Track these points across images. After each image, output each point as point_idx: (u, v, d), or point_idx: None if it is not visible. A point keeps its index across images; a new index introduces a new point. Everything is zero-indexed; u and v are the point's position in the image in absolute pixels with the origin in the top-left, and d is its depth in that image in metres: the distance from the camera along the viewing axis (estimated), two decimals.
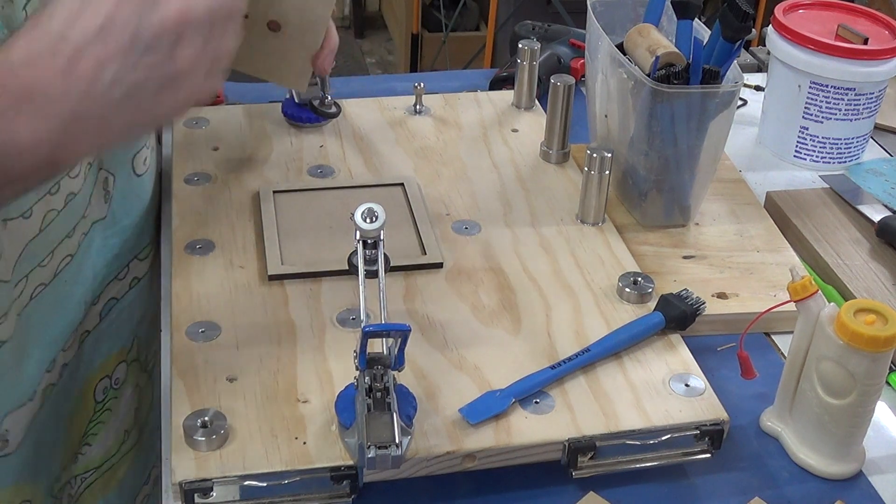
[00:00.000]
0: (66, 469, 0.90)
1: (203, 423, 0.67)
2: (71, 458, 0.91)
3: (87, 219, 0.84)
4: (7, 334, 0.76)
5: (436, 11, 3.23)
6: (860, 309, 0.69)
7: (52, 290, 0.81)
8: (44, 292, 0.80)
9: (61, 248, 0.81)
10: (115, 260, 0.91)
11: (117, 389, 0.95)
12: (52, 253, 0.80)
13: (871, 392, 0.70)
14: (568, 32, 1.26)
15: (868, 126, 1.10)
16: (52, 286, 0.81)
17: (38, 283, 0.79)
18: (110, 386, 0.94)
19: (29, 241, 0.76)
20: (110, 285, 0.91)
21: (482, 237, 0.89)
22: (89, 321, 0.89)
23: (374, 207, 0.70)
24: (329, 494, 0.67)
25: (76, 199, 0.81)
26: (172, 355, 0.74)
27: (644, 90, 0.87)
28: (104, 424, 0.94)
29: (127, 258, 0.93)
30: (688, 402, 0.72)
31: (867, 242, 0.95)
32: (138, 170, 0.92)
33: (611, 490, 0.70)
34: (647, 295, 0.82)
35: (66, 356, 0.86)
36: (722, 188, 1.01)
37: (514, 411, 0.70)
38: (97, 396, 0.93)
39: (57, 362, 0.84)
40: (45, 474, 0.86)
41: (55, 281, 0.81)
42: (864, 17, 1.11)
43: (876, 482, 0.73)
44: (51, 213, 0.78)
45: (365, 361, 0.65)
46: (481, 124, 1.07)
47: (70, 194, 0.80)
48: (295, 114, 1.03)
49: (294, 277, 0.82)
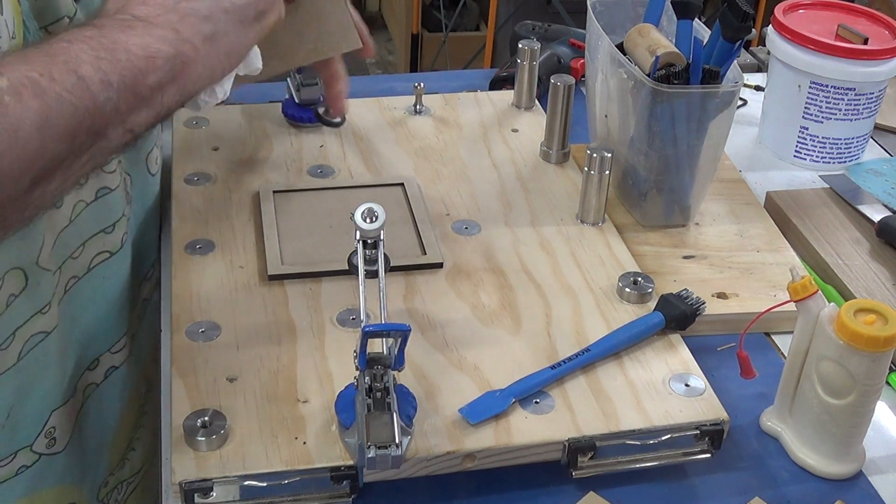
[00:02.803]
0: (113, 474, 0.91)
1: (203, 423, 0.67)
2: (119, 462, 0.92)
3: (126, 217, 0.85)
4: (52, 325, 0.77)
5: (436, 11, 3.23)
6: (860, 309, 0.69)
7: (89, 284, 0.82)
8: (77, 286, 0.81)
9: (95, 242, 0.82)
10: (143, 260, 0.92)
11: (150, 392, 0.95)
12: (83, 245, 0.80)
13: (871, 392, 0.70)
14: (568, 32, 1.26)
15: (868, 126, 1.10)
16: (88, 281, 0.82)
17: (71, 275, 0.80)
18: (149, 389, 0.95)
19: (60, 231, 0.77)
20: (143, 285, 0.92)
21: (482, 237, 0.89)
22: (134, 323, 0.90)
23: (374, 207, 0.70)
24: (329, 494, 0.67)
25: (112, 196, 0.82)
26: (172, 355, 0.74)
27: (644, 90, 0.87)
28: (145, 428, 0.95)
29: (151, 258, 0.94)
30: (688, 402, 0.72)
31: (867, 242, 0.95)
32: (152, 169, 0.93)
33: (611, 490, 0.70)
34: (647, 295, 0.82)
35: (115, 359, 0.87)
36: (722, 188, 1.01)
37: (514, 411, 0.70)
38: (141, 399, 0.94)
39: (101, 363, 0.85)
40: (91, 478, 0.87)
41: (91, 275, 0.82)
42: (864, 17, 1.11)
43: (876, 482, 0.73)
44: (80, 205, 0.79)
45: (365, 361, 0.65)
46: (481, 124, 1.07)
47: (103, 188, 0.81)
48: (295, 114, 1.03)
49: (294, 277, 0.82)
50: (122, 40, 0.60)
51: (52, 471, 0.81)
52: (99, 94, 0.57)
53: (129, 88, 0.59)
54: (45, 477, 0.80)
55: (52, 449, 0.80)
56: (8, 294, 0.72)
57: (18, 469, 0.78)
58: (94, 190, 0.80)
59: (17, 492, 0.78)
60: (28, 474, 0.79)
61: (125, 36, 0.60)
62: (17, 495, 0.79)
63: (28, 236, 0.72)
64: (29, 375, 0.76)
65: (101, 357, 0.85)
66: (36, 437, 0.78)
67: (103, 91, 0.57)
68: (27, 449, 0.78)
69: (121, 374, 0.88)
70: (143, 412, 0.95)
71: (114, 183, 0.82)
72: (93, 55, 0.57)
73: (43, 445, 0.79)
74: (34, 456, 0.79)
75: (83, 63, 0.57)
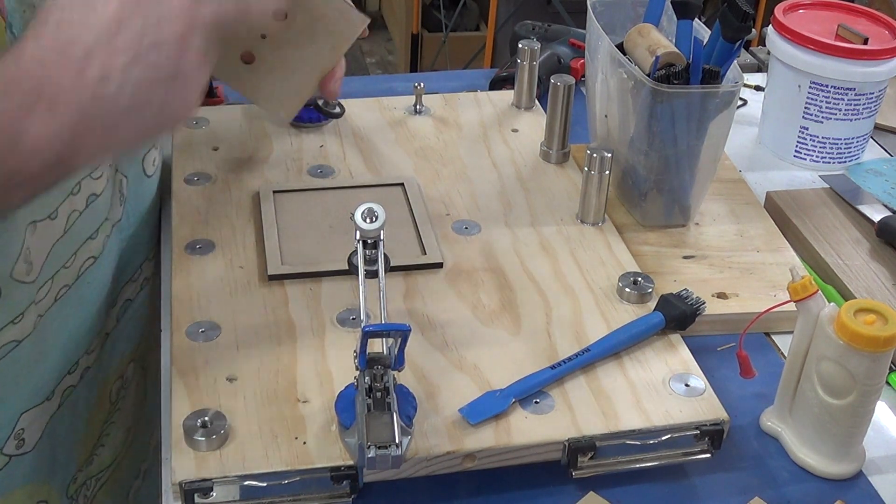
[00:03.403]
0: (81, 470, 0.91)
1: (203, 423, 0.67)
2: (87, 458, 0.91)
3: (109, 221, 0.85)
4: (24, 334, 0.76)
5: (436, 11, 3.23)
6: (860, 309, 0.69)
7: (76, 291, 0.82)
8: (67, 294, 0.80)
9: (84, 249, 0.81)
10: (130, 261, 0.92)
11: (126, 389, 0.95)
12: (74, 254, 0.80)
13: (871, 392, 0.70)
14: (568, 32, 1.26)
15: (868, 126, 1.10)
16: (76, 288, 0.81)
17: (63, 284, 0.80)
18: (122, 386, 0.95)
19: (55, 242, 0.77)
20: (126, 287, 0.92)
21: (482, 237, 0.89)
22: (109, 323, 0.89)
23: (374, 207, 0.70)
24: (329, 494, 0.67)
25: (98, 201, 0.82)
26: (172, 355, 0.74)
27: (644, 90, 0.87)
28: (115, 424, 0.95)
29: (140, 259, 0.94)
30: (688, 402, 0.72)
31: (867, 242, 0.95)
32: (148, 170, 0.93)
33: (611, 490, 0.70)
34: (647, 295, 0.82)
35: (89, 359, 0.87)
36: (722, 188, 1.01)
37: (514, 411, 0.70)
38: (111, 397, 0.93)
39: (80, 365, 0.85)
40: (61, 475, 0.87)
41: (78, 282, 0.82)
42: (864, 17, 1.11)
43: (876, 482, 0.73)
44: (74, 214, 0.78)
45: (365, 361, 0.65)
46: (481, 124, 1.07)
47: (91, 195, 0.81)
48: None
49: (294, 277, 0.82)
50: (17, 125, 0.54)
51: (21, 470, 0.80)
52: None
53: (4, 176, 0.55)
54: (15, 477, 0.80)
55: (20, 450, 0.79)
56: None
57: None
58: (85, 197, 0.80)
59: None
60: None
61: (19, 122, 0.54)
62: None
63: (2, 249, 0.71)
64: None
65: (80, 359, 0.85)
66: (6, 441, 0.78)
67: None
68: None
69: (93, 373, 0.88)
70: (115, 409, 0.94)
71: (100, 188, 0.81)
72: None
73: (12, 447, 0.78)
74: (4, 458, 0.78)
75: None
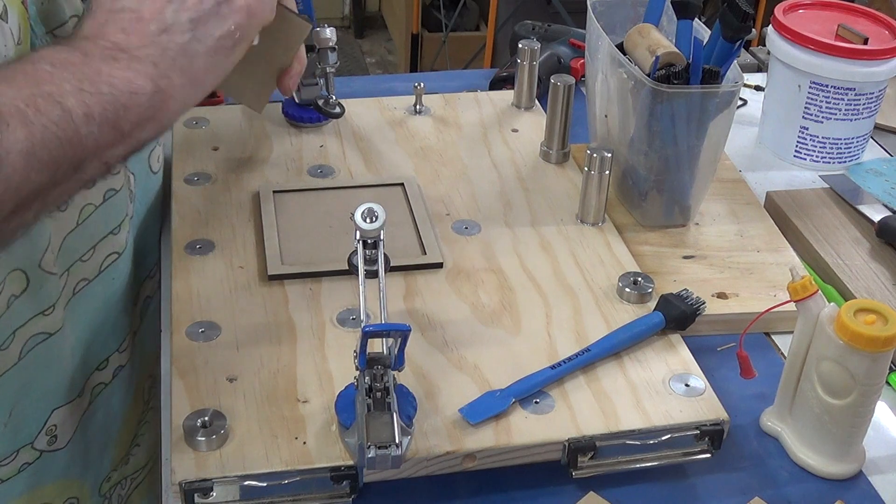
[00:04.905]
0: (116, 469, 0.92)
1: (203, 423, 0.67)
2: (123, 458, 0.92)
3: (128, 217, 0.86)
4: (55, 326, 0.77)
5: (436, 11, 3.23)
6: (860, 309, 0.69)
7: (99, 286, 0.82)
8: (87, 288, 0.81)
9: (104, 244, 0.82)
10: (145, 258, 0.92)
11: (156, 388, 0.96)
12: (93, 248, 0.81)
13: (871, 392, 0.70)
14: (568, 32, 1.25)
15: (868, 126, 1.10)
16: (98, 283, 0.82)
17: (81, 278, 0.80)
18: (153, 385, 0.95)
19: (67, 233, 0.77)
20: (144, 283, 0.93)
21: (482, 237, 0.89)
22: (135, 321, 0.90)
23: (374, 207, 0.70)
24: (329, 494, 0.67)
25: (118, 197, 0.82)
26: (172, 355, 0.74)
27: (644, 90, 0.87)
28: (149, 424, 0.95)
29: (154, 256, 0.94)
30: (688, 402, 0.72)
31: (867, 242, 0.95)
32: (154, 167, 0.94)
33: (611, 490, 0.70)
34: (647, 295, 0.82)
35: (121, 358, 0.88)
36: (722, 188, 1.01)
37: (514, 411, 0.70)
38: (144, 396, 0.94)
39: (110, 363, 0.86)
40: (94, 473, 0.88)
41: (101, 277, 0.82)
42: (864, 17, 1.11)
43: (876, 482, 0.73)
44: (88, 208, 0.79)
45: (365, 361, 0.65)
46: (481, 124, 1.07)
47: (110, 190, 0.81)
48: (295, 114, 1.03)
49: (294, 277, 0.82)
50: (106, 72, 0.59)
51: (54, 467, 0.82)
52: (81, 127, 0.57)
53: (110, 123, 0.58)
54: (47, 473, 0.81)
55: (53, 446, 0.81)
56: (9, 295, 0.72)
57: (21, 467, 0.79)
58: (101, 192, 0.80)
59: (19, 488, 0.79)
60: (30, 471, 0.79)
61: (108, 68, 0.59)
62: (19, 491, 0.79)
63: (31, 239, 0.72)
64: (30, 375, 0.76)
65: (111, 357, 0.86)
66: (37, 435, 0.79)
67: (86, 125, 0.57)
68: (28, 446, 0.79)
69: (126, 372, 0.89)
70: (148, 408, 0.96)
71: (119, 184, 0.82)
72: (76, 85, 0.57)
73: (44, 443, 0.80)
74: (35, 453, 0.79)
75: (67, 94, 0.56)
